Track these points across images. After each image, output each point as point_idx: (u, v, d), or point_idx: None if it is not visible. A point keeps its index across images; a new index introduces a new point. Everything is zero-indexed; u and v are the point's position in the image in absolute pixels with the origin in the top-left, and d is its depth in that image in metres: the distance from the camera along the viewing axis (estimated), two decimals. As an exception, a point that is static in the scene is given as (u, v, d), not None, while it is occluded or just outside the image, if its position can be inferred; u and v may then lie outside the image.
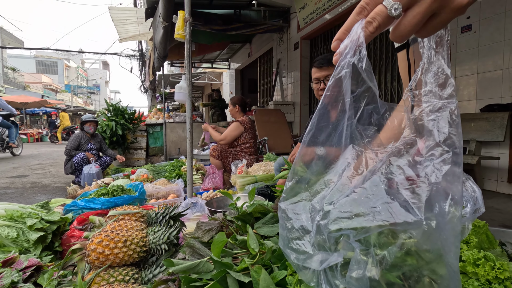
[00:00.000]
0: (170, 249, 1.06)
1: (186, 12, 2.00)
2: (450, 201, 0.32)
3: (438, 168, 0.33)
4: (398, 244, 0.34)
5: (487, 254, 0.68)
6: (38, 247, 1.26)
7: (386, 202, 0.34)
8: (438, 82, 0.35)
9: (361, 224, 0.34)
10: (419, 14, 0.31)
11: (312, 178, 0.43)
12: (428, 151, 0.34)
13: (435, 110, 0.35)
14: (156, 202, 2.13)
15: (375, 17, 0.32)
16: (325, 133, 0.40)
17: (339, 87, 0.37)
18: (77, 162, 3.80)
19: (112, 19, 5.66)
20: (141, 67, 11.67)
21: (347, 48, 0.35)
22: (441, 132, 0.34)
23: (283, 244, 0.43)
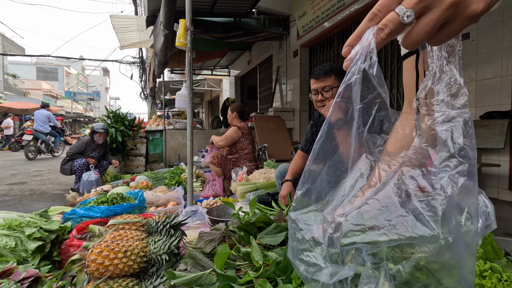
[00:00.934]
0: (171, 259, 1.04)
1: (187, 21, 2.02)
2: (466, 214, 0.31)
3: (454, 180, 0.32)
4: (413, 259, 0.33)
5: (493, 265, 0.67)
6: (36, 257, 1.24)
7: (401, 215, 0.33)
8: (450, 91, 0.34)
9: (375, 238, 0.33)
10: (432, 21, 0.31)
11: (323, 188, 0.42)
12: (442, 161, 0.33)
13: (448, 120, 0.34)
14: (156, 210, 2.12)
15: (387, 24, 0.32)
16: (335, 141, 0.39)
17: (349, 93, 0.36)
18: (77, 168, 3.79)
19: (113, 26, 5.71)
20: (141, 74, 11.73)
21: (358, 54, 0.34)
22: (455, 143, 0.33)
23: (292, 255, 0.42)
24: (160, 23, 3.60)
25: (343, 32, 4.66)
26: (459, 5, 0.30)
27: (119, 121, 5.04)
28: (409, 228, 0.32)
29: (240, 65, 8.89)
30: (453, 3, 0.30)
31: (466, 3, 0.30)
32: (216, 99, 13.03)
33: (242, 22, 5.24)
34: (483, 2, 0.30)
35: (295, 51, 5.63)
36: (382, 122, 0.39)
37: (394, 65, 3.82)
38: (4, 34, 24.44)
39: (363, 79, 0.35)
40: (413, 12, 0.31)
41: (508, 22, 2.60)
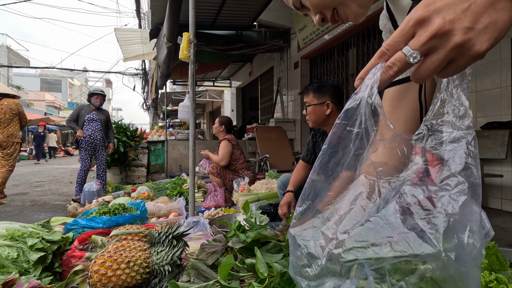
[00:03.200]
0: (173, 271, 1.04)
1: (190, 34, 2.07)
2: (468, 233, 0.32)
3: (454, 198, 0.33)
4: (416, 274, 0.33)
5: (499, 276, 0.66)
6: (38, 268, 1.23)
7: (403, 232, 0.33)
8: (457, 114, 0.36)
9: (377, 254, 0.34)
10: (437, 61, 0.33)
11: (321, 206, 0.43)
12: (442, 180, 0.34)
13: (452, 141, 0.35)
14: (157, 221, 2.11)
15: (395, 63, 0.34)
16: (336, 160, 0.41)
17: (352, 115, 0.38)
18: (78, 177, 3.85)
19: (118, 39, 5.83)
20: (143, 85, 11.87)
21: (366, 86, 0.37)
22: (458, 163, 0.34)
23: (293, 271, 0.43)
24: (163, 36, 3.68)
25: (343, 44, 4.73)
26: (463, 47, 0.31)
27: (121, 131, 5.08)
28: (411, 244, 0.33)
29: (241, 76, 9.00)
30: (457, 45, 0.31)
31: (470, 44, 0.31)
32: (217, 110, 13.12)
33: (244, 35, 5.34)
34: (487, 42, 0.31)
35: (296, 62, 5.71)
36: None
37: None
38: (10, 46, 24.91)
39: (365, 108, 0.37)
40: (419, 54, 0.33)
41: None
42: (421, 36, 0.32)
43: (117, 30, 5.92)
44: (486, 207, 2.82)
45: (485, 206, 2.82)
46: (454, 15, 0.31)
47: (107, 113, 4.25)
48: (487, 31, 0.31)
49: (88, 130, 3.94)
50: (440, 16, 0.32)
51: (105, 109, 4.25)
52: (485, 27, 0.31)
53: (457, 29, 0.31)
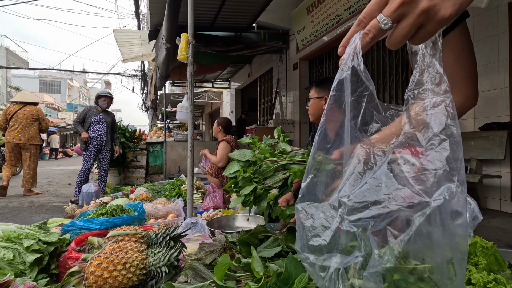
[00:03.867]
0: (170, 272, 1.03)
1: (189, 35, 2.07)
2: (456, 183, 0.35)
3: (439, 154, 0.36)
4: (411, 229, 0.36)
5: (497, 276, 0.66)
6: (34, 270, 1.22)
7: (397, 188, 0.37)
8: (433, 81, 0.39)
9: (378, 211, 0.37)
10: (407, 26, 0.35)
11: (326, 180, 0.45)
12: (428, 141, 0.37)
13: (433, 106, 0.39)
14: (155, 222, 2.10)
15: (370, 30, 0.37)
16: (333, 133, 0.43)
17: (341, 87, 0.41)
18: (78, 179, 3.86)
19: (117, 40, 5.83)
20: (142, 87, 11.87)
21: (348, 55, 0.40)
22: (439, 124, 0.37)
23: (301, 245, 0.44)
24: (162, 37, 3.68)
25: (342, 45, 4.74)
26: (429, 12, 0.34)
27: (120, 133, 5.07)
28: (406, 198, 0.37)
29: (240, 77, 9.00)
30: (423, 10, 0.34)
31: (435, 10, 0.34)
32: (216, 111, 13.12)
33: (243, 36, 5.35)
34: (451, 8, 0.34)
35: (295, 64, 5.72)
36: (372, 113, 0.43)
37: (392, 78, 3.87)
38: (9, 48, 24.89)
39: (352, 75, 0.40)
40: (390, 19, 0.35)
41: (503, 36, 2.66)
42: (392, 3, 0.35)
43: (116, 31, 5.92)
44: (485, 208, 2.82)
45: (484, 207, 2.81)
46: None
47: (113, 116, 4.30)
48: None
49: (94, 131, 3.96)
50: None
51: (111, 112, 4.30)
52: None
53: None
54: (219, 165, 3.20)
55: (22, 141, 4.26)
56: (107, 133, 4.05)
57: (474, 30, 2.83)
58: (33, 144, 4.37)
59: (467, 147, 2.81)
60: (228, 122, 3.50)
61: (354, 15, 4.06)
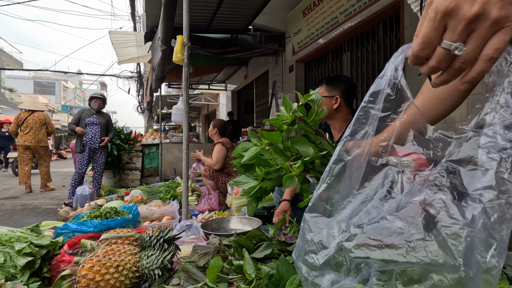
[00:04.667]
0: (164, 274, 1.02)
1: (184, 37, 2.07)
2: (493, 251, 0.30)
3: (487, 213, 0.30)
4: (427, 284, 0.32)
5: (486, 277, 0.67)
6: (25, 273, 1.21)
7: (423, 238, 0.32)
8: (504, 123, 0.33)
9: (391, 257, 0.32)
10: (479, 40, 0.32)
11: (341, 191, 0.41)
12: (476, 189, 0.31)
13: (497, 150, 0.32)
14: (150, 225, 2.09)
15: (440, 61, 0.33)
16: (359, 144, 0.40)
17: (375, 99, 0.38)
18: (72, 181, 3.84)
19: (112, 42, 5.81)
20: (138, 88, 11.83)
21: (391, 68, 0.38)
22: (498, 176, 0.31)
23: (297, 254, 0.42)
24: (158, 38, 3.67)
25: (337, 48, 4.78)
26: (500, 20, 0.31)
27: (115, 134, 5.04)
28: (429, 254, 0.31)
29: (237, 79, 9.01)
30: (495, 20, 0.30)
31: (508, 14, 0.30)
32: (213, 113, 13.11)
33: (239, 38, 5.36)
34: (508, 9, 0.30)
35: (291, 66, 5.75)
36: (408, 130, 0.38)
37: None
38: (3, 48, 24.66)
39: (391, 89, 0.37)
40: (462, 44, 0.32)
41: (495, 39, 2.70)
42: (457, 26, 0.31)
43: (111, 32, 5.90)
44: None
45: (477, 209, 2.84)
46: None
47: (108, 116, 4.30)
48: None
49: (88, 133, 3.94)
50: (469, 1, 0.31)
51: (106, 113, 4.29)
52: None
53: (491, 6, 0.30)
54: (215, 167, 3.19)
55: (33, 143, 4.87)
56: (101, 134, 4.04)
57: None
58: (42, 146, 5.01)
59: (461, 149, 2.83)
60: (224, 124, 3.50)
61: (349, 18, 4.09)
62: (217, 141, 3.32)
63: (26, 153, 4.94)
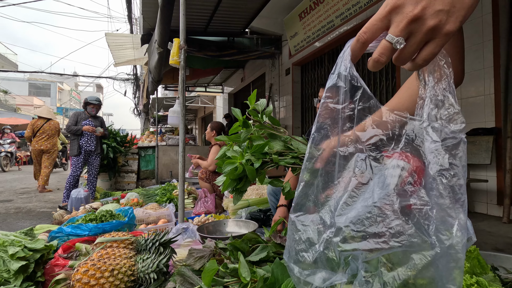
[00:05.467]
0: (159, 278, 1.02)
1: (181, 40, 2.08)
2: (457, 227, 0.33)
3: (444, 193, 0.34)
4: (410, 266, 0.34)
5: (480, 279, 0.68)
6: (19, 278, 1.19)
7: (401, 223, 0.35)
8: (448, 117, 0.38)
9: (377, 246, 0.34)
10: (414, 44, 0.36)
11: (320, 188, 0.43)
12: (435, 175, 0.35)
13: (442, 139, 0.37)
14: (146, 228, 2.07)
15: (383, 52, 0.37)
16: (325, 139, 0.42)
17: (334, 92, 0.41)
18: (67, 183, 3.82)
19: (109, 44, 5.79)
20: (135, 91, 11.78)
21: (339, 64, 0.41)
22: (447, 161, 0.35)
23: (288, 255, 0.43)
24: (154, 41, 3.68)
25: (333, 51, 4.81)
26: (436, 29, 0.35)
27: (111, 137, 5.01)
28: (408, 236, 0.34)
29: (233, 82, 9.03)
30: (431, 28, 0.35)
31: (441, 25, 0.35)
32: (209, 116, 13.09)
33: (236, 41, 5.38)
34: (456, 21, 0.35)
35: (287, 69, 5.77)
36: (366, 115, 0.41)
37: (382, 84, 3.94)
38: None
39: (344, 81, 0.40)
40: (403, 39, 0.36)
41: (487, 44, 2.74)
42: (401, 23, 0.35)
43: (108, 35, 5.88)
44: (473, 211, 2.88)
45: (472, 211, 2.87)
46: (427, 0, 0.34)
47: (102, 119, 4.36)
48: (455, 10, 0.34)
49: (83, 136, 3.94)
50: (414, 2, 0.34)
51: (100, 116, 4.30)
52: (453, 7, 0.34)
53: (430, 13, 0.34)
54: (210, 169, 3.18)
55: (48, 147, 5.57)
56: (96, 137, 4.03)
57: (460, 38, 2.91)
58: (55, 150, 5.73)
59: (455, 151, 2.87)
60: (222, 126, 3.51)
61: (345, 22, 4.13)
62: (214, 143, 3.32)
63: (39, 157, 5.64)
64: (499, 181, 2.69)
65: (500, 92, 2.67)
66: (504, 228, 2.39)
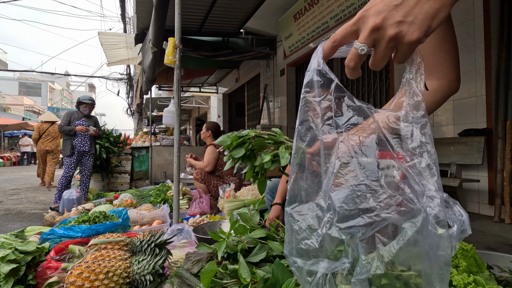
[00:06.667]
0: (155, 280, 1.00)
1: (176, 39, 2.06)
2: (435, 193, 0.37)
3: (420, 168, 0.38)
4: (402, 236, 0.37)
5: (477, 278, 0.68)
6: (9, 281, 1.16)
7: (389, 196, 0.38)
8: (412, 105, 0.42)
9: (370, 220, 0.37)
10: (381, 51, 0.39)
11: (310, 176, 0.45)
12: (408, 155, 0.39)
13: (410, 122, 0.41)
14: (140, 229, 2.05)
15: (351, 58, 0.41)
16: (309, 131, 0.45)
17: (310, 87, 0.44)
18: (59, 184, 3.76)
19: (101, 43, 5.72)
20: (128, 91, 11.67)
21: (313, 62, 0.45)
22: (417, 139, 0.40)
23: (289, 249, 0.44)
24: (149, 41, 3.64)
25: (328, 52, 4.84)
26: (397, 38, 0.37)
27: (104, 137, 4.95)
28: (397, 207, 0.37)
29: (228, 82, 9.01)
30: (391, 37, 0.37)
31: (402, 35, 0.37)
32: (204, 116, 13.04)
33: (231, 42, 5.37)
34: (418, 32, 0.37)
35: (282, 70, 5.78)
36: (343, 105, 0.44)
37: (376, 85, 3.98)
38: (-13, 49, 23.95)
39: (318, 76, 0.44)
40: (366, 45, 0.39)
41: (479, 46, 2.79)
42: (364, 31, 0.38)
43: (101, 34, 5.81)
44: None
45: (464, 210, 2.91)
46: (387, 11, 0.37)
47: (96, 119, 4.29)
48: (417, 21, 0.36)
49: (76, 136, 3.87)
50: (376, 13, 0.37)
51: (94, 116, 4.24)
52: (415, 18, 0.36)
53: (389, 24, 0.37)
54: (206, 170, 3.16)
55: (53, 148, 6.26)
56: (90, 138, 3.97)
57: (453, 40, 2.95)
58: (58, 150, 6.35)
59: (447, 152, 2.91)
60: (217, 126, 3.50)
61: (340, 23, 4.16)
62: (209, 143, 3.30)
63: (44, 157, 6.31)
64: (490, 181, 2.73)
65: (491, 93, 2.72)
66: (496, 227, 2.43)
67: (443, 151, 2.95)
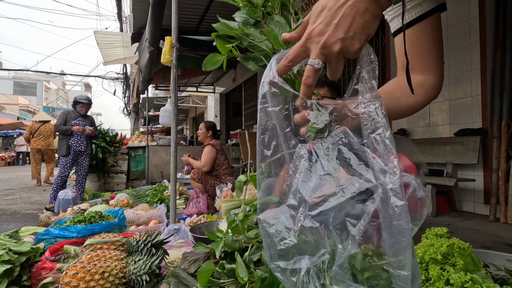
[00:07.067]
0: (152, 280, 1.00)
1: (173, 38, 2.05)
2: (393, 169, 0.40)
3: (376, 145, 0.42)
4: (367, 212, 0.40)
5: (474, 276, 0.68)
6: (3, 282, 1.15)
7: (349, 179, 0.42)
8: (367, 89, 0.46)
9: (336, 201, 0.41)
10: (334, 63, 0.45)
11: (277, 181, 0.48)
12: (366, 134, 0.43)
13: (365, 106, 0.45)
14: (136, 229, 2.03)
15: (309, 74, 0.45)
16: (271, 142, 0.48)
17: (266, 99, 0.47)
18: (55, 184, 3.73)
19: (98, 42, 5.68)
20: (124, 90, 11.61)
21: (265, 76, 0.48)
22: (375, 122, 0.43)
23: (269, 254, 0.45)
24: (145, 40, 3.62)
25: (325, 52, 4.86)
26: (343, 51, 0.43)
27: (100, 137, 4.91)
28: (357, 186, 0.41)
29: (225, 82, 9.00)
30: (338, 52, 0.43)
31: (347, 49, 0.43)
32: (201, 116, 13.01)
33: (228, 41, 5.36)
34: (358, 43, 0.43)
35: (279, 69, 5.79)
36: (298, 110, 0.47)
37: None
38: (-19, 47, 23.70)
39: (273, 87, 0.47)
40: (320, 61, 0.43)
41: (474, 46, 2.81)
42: (315, 49, 0.43)
43: (97, 33, 5.77)
44: (461, 210, 2.94)
45: (460, 210, 2.93)
46: (329, 31, 0.42)
47: (92, 118, 4.27)
48: (356, 35, 0.43)
49: (73, 136, 3.84)
50: (319, 34, 0.43)
51: (90, 115, 4.22)
52: (354, 33, 0.42)
53: (333, 42, 0.42)
54: (204, 170, 3.16)
55: (44, 147, 6.41)
56: (86, 137, 3.95)
57: (448, 41, 2.98)
58: (50, 149, 6.54)
59: (443, 152, 2.93)
60: (215, 125, 3.50)
61: (337, 23, 4.17)
62: (207, 143, 3.29)
63: (37, 155, 6.43)
64: (486, 180, 2.76)
65: (486, 93, 2.74)
66: (491, 226, 2.45)
67: (439, 151, 2.97)
